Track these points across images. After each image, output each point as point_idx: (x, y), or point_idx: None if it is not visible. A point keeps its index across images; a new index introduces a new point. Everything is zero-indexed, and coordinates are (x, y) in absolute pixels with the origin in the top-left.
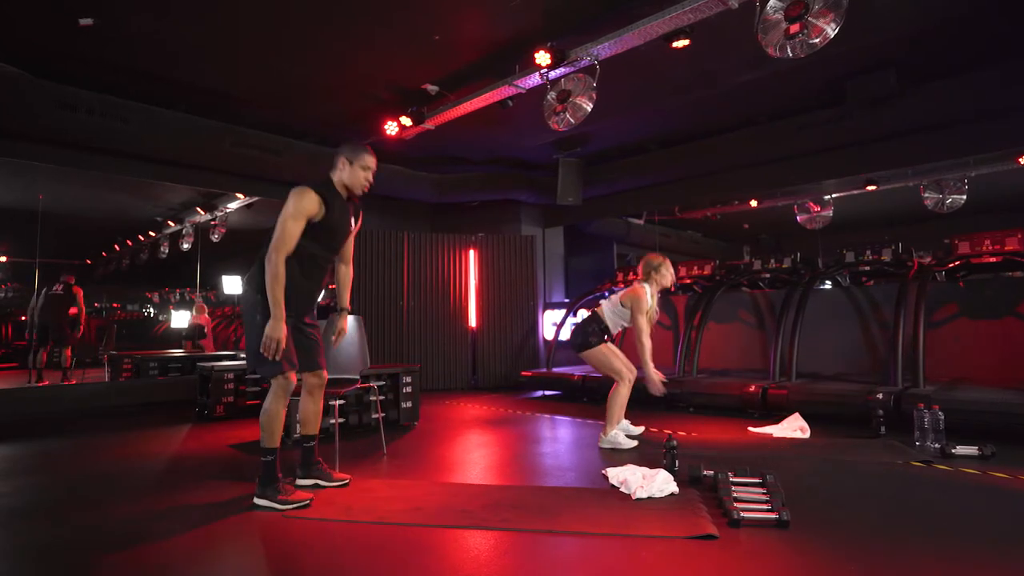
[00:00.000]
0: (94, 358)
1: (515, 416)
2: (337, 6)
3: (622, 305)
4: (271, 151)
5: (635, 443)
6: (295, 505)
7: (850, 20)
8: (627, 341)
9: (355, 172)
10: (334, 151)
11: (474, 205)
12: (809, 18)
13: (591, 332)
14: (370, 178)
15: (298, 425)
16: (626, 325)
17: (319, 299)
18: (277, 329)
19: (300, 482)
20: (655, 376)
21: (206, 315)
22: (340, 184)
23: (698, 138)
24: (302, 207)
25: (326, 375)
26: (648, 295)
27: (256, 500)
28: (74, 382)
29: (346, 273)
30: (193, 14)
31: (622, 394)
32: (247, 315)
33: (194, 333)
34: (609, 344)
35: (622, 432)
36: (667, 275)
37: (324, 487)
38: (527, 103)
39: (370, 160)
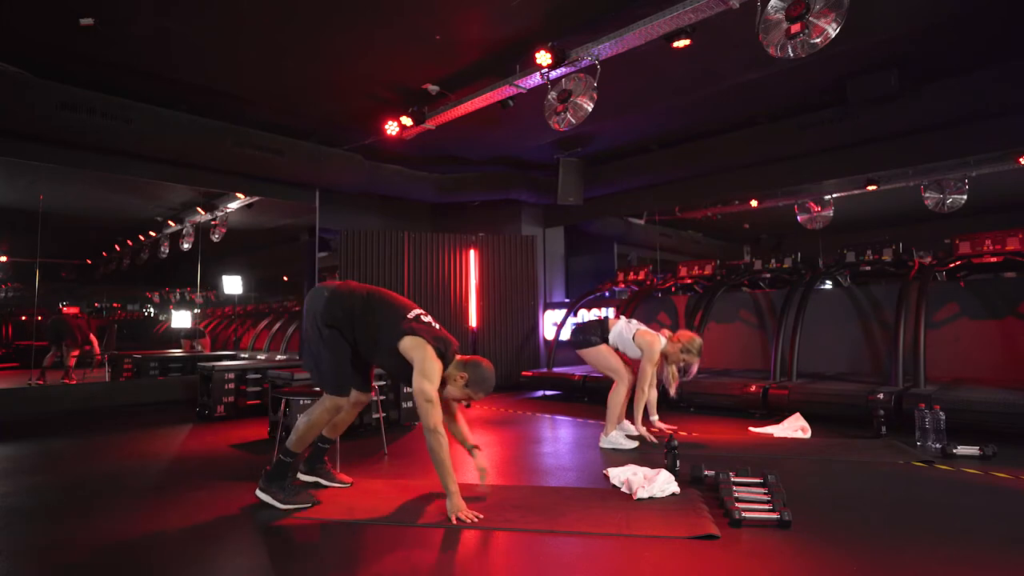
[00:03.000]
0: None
1: (516, 416)
2: (338, 6)
3: (634, 339)
4: (273, 151)
5: (635, 444)
6: (297, 506)
7: (851, 20)
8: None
9: (459, 391)
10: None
11: (475, 205)
12: (810, 18)
13: (592, 332)
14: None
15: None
16: (625, 353)
17: None
18: (457, 505)
19: (302, 477)
20: (641, 430)
21: (207, 339)
22: (448, 378)
23: (699, 138)
24: (435, 372)
25: (373, 395)
26: (661, 351)
27: (258, 492)
28: (75, 381)
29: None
30: (194, 14)
31: (621, 394)
32: (312, 331)
33: (194, 333)
34: (608, 346)
35: (622, 433)
36: (692, 364)
37: (325, 487)
38: (528, 103)
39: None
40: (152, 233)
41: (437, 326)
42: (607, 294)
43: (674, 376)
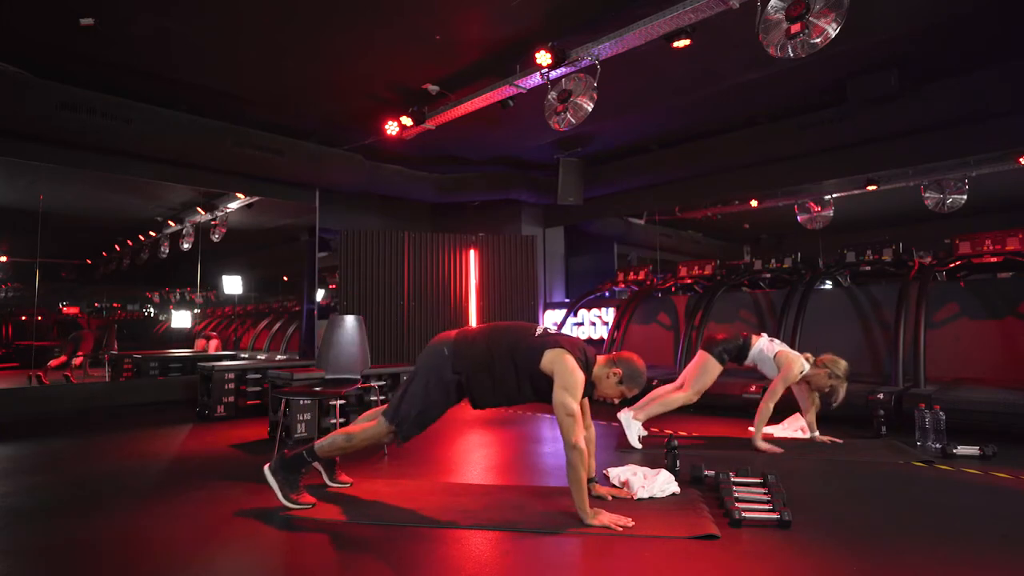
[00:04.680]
0: (95, 358)
1: (516, 416)
2: (338, 6)
3: (775, 359)
4: (273, 151)
5: (640, 446)
6: (298, 506)
7: (851, 20)
8: (634, 344)
9: (612, 388)
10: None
11: (475, 205)
12: (810, 18)
13: (729, 350)
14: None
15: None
16: (763, 371)
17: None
18: (598, 517)
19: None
20: (762, 447)
21: (217, 341)
22: (599, 380)
23: (699, 138)
24: (579, 384)
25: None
26: (805, 376)
27: (267, 472)
28: (75, 380)
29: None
30: (194, 14)
31: (676, 401)
32: (426, 373)
33: (208, 336)
34: (720, 369)
35: (639, 431)
36: (840, 389)
37: (327, 485)
38: (528, 103)
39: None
40: (152, 233)
41: (566, 334)
42: (607, 294)
43: (814, 402)
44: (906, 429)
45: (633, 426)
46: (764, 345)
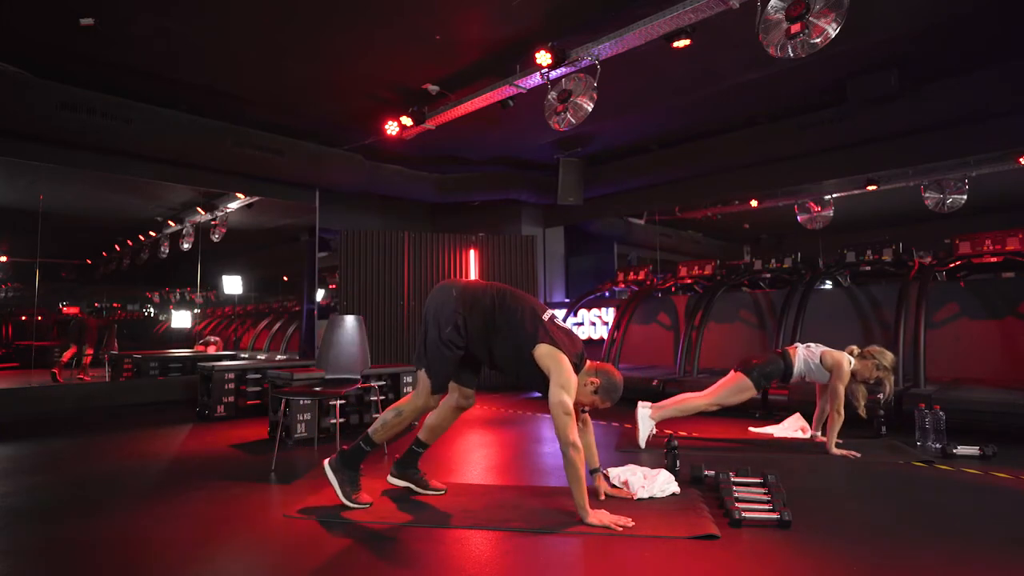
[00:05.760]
0: (96, 358)
1: (516, 416)
2: (338, 6)
3: (821, 363)
4: (273, 151)
5: (644, 445)
6: (356, 506)
7: (851, 20)
8: (634, 344)
9: (586, 396)
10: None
11: (475, 205)
12: (810, 18)
13: (775, 372)
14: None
15: (424, 429)
16: (815, 381)
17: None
18: (598, 516)
19: (392, 480)
20: (836, 452)
21: (217, 345)
22: (582, 392)
23: (699, 138)
24: (574, 384)
25: (473, 402)
26: (850, 370)
27: (327, 468)
28: (87, 379)
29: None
30: (194, 14)
31: (696, 406)
32: (432, 328)
33: (208, 339)
34: (754, 394)
35: (650, 430)
36: (886, 380)
37: (418, 493)
38: (528, 103)
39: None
40: (152, 233)
41: (567, 328)
42: (607, 294)
43: (863, 394)
44: (906, 429)
45: (647, 425)
46: (803, 354)
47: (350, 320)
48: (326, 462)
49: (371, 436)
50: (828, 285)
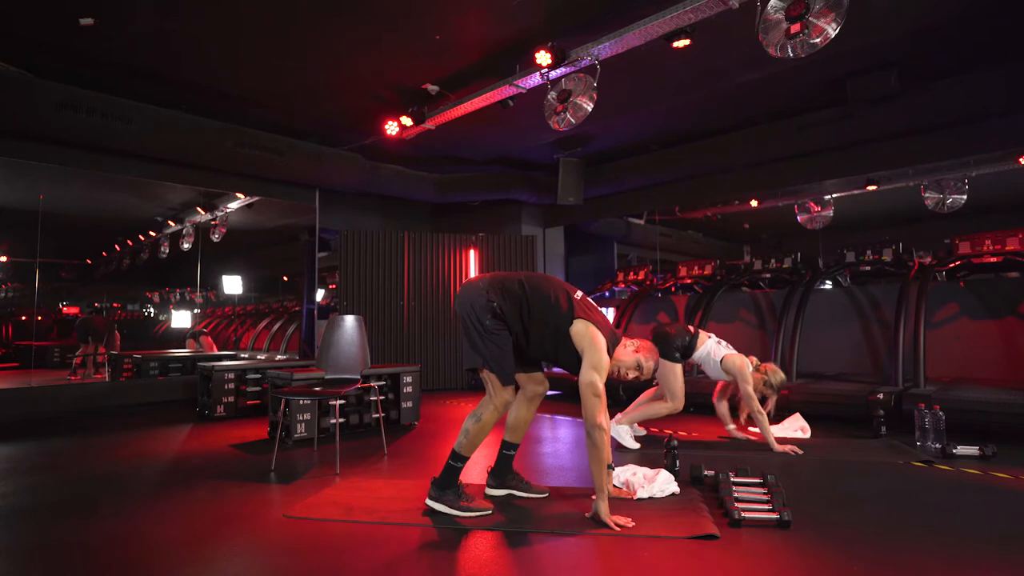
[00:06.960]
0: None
1: None
2: (339, 6)
3: (722, 363)
4: (273, 151)
5: (638, 445)
6: (477, 513)
7: (851, 20)
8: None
9: (628, 367)
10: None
11: (475, 205)
12: (810, 18)
13: (676, 346)
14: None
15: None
16: (705, 371)
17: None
18: (606, 509)
19: (490, 492)
20: (779, 449)
21: (210, 339)
22: (619, 359)
23: (699, 138)
24: (606, 366)
25: (547, 386)
26: (751, 373)
27: (431, 503)
28: (101, 377)
29: None
30: (194, 14)
31: (663, 411)
32: (472, 324)
33: (196, 334)
34: (680, 366)
35: (631, 432)
36: (769, 399)
37: (521, 498)
38: (528, 103)
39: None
40: (152, 233)
41: (596, 307)
42: (607, 294)
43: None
44: (906, 429)
45: (621, 430)
46: (712, 348)
47: (350, 320)
48: (427, 500)
49: (458, 451)
50: (828, 285)
